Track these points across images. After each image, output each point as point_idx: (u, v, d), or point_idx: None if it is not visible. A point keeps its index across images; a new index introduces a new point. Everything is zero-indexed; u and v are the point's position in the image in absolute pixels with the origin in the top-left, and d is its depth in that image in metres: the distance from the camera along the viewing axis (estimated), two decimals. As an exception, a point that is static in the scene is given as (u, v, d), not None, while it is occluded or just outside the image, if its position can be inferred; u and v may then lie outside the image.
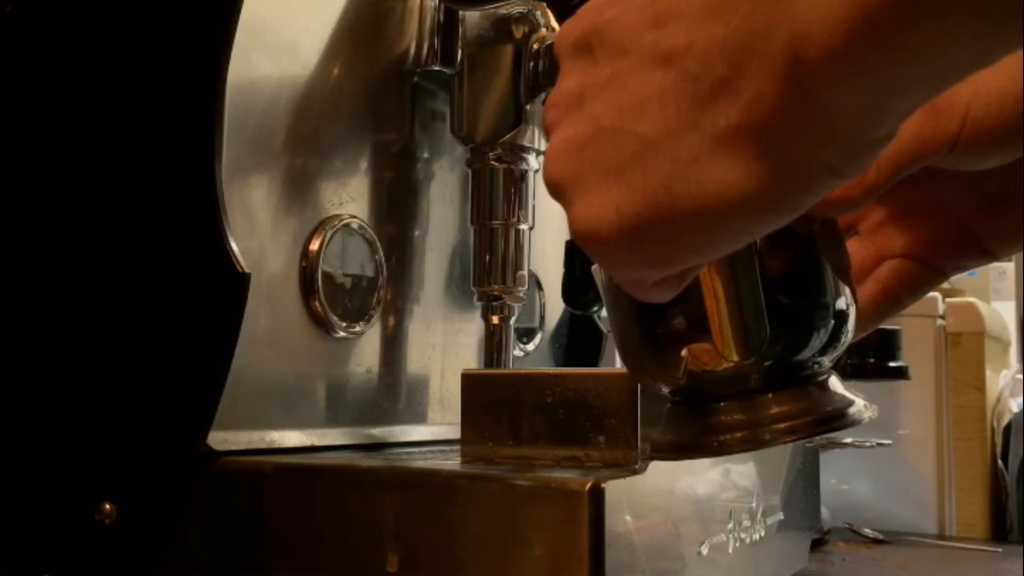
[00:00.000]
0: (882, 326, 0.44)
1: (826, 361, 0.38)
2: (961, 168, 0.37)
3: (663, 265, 0.30)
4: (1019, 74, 0.34)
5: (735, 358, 0.36)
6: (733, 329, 0.36)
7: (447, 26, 0.65)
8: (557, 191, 0.31)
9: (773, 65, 0.25)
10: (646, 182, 0.28)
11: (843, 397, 0.38)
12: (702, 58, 0.26)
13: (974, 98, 0.35)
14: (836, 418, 0.37)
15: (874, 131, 0.26)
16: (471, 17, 0.65)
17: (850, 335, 0.38)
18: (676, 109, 0.27)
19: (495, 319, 0.65)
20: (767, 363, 0.36)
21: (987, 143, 0.35)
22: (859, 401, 0.38)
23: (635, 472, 0.47)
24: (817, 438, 0.85)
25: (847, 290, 0.38)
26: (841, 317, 0.37)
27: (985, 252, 0.41)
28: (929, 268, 0.42)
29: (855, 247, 0.42)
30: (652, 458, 0.45)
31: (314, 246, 0.58)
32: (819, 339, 0.37)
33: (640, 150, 0.28)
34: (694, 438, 0.38)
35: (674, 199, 0.27)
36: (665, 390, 0.39)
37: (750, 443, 0.37)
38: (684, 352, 0.36)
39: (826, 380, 0.38)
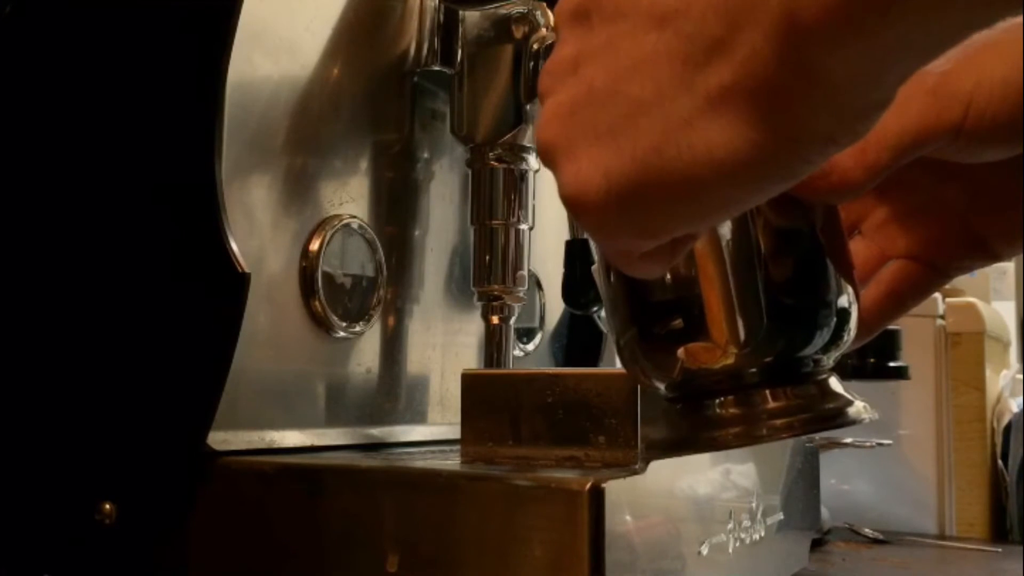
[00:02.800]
0: (881, 326, 0.44)
1: (827, 360, 0.38)
2: (963, 159, 0.37)
3: (652, 233, 0.29)
4: (1020, 64, 0.34)
5: (731, 347, 0.36)
6: (728, 315, 0.35)
7: (447, 26, 0.65)
8: (547, 156, 0.30)
9: (768, 24, 0.24)
10: (636, 145, 0.27)
11: (842, 396, 0.38)
12: (697, 18, 0.26)
13: (977, 86, 0.35)
14: (835, 417, 0.37)
15: (869, 94, 0.25)
16: (471, 17, 0.65)
17: (852, 334, 0.38)
18: (669, 70, 0.26)
19: (495, 319, 0.65)
20: (767, 359, 0.36)
21: (990, 133, 0.35)
22: (859, 402, 0.38)
23: (635, 472, 0.47)
24: (817, 438, 0.85)
25: (849, 289, 0.37)
26: (843, 315, 0.37)
27: (989, 252, 0.41)
28: (932, 269, 0.42)
29: (858, 247, 0.42)
30: (647, 455, 0.45)
31: (314, 246, 0.58)
32: (821, 337, 0.36)
33: (631, 112, 0.27)
34: (690, 433, 0.38)
35: (664, 162, 0.27)
36: (661, 387, 0.39)
37: (746, 438, 0.37)
38: (681, 351, 0.36)
39: (826, 380, 0.38)
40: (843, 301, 0.37)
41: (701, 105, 0.26)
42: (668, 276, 0.36)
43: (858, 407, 0.38)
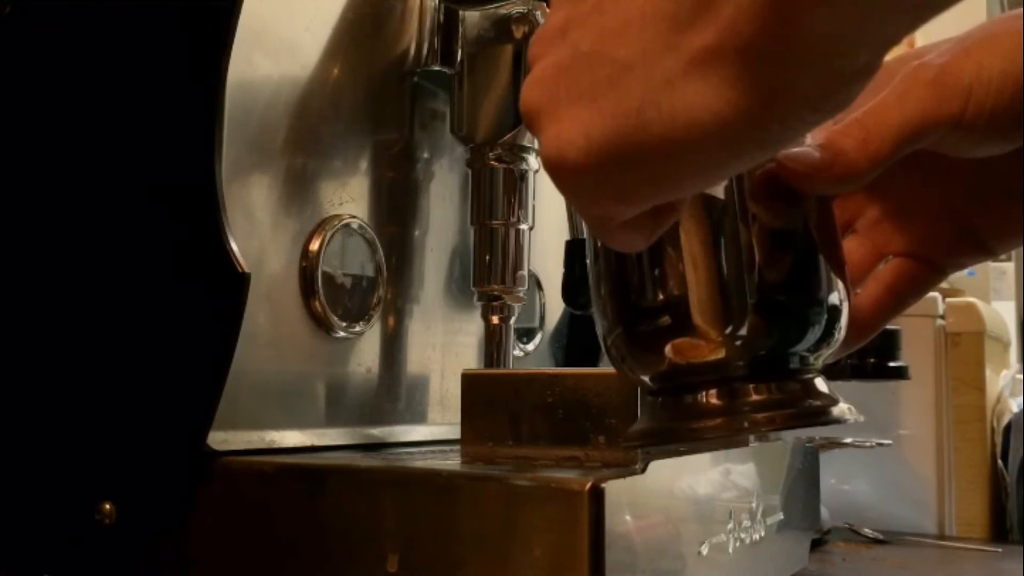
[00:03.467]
0: (881, 326, 0.44)
1: (815, 359, 0.37)
2: (961, 153, 0.37)
3: (631, 198, 0.29)
4: (1019, 56, 0.34)
5: (719, 342, 0.35)
6: (717, 310, 0.35)
7: (447, 26, 0.65)
8: (531, 119, 0.30)
9: None
10: (617, 106, 0.27)
11: (827, 395, 0.38)
12: None
13: (977, 79, 0.35)
14: (818, 414, 0.37)
15: (852, 59, 0.25)
16: (471, 17, 0.65)
17: (842, 332, 0.38)
18: (654, 31, 0.26)
19: (495, 319, 0.65)
20: (755, 354, 0.36)
21: (988, 125, 0.35)
22: (843, 403, 0.38)
23: (635, 472, 0.47)
24: (817, 437, 0.85)
25: (840, 286, 0.37)
26: (834, 313, 0.37)
27: (985, 248, 0.41)
28: (929, 266, 0.42)
29: (853, 246, 0.42)
30: (626, 446, 0.45)
31: (314, 246, 0.58)
32: (812, 334, 0.36)
33: (615, 74, 0.27)
34: (669, 424, 0.38)
35: (645, 123, 0.27)
36: (646, 379, 0.38)
37: (727, 430, 0.37)
38: (668, 347, 0.36)
39: (812, 379, 0.38)
40: (834, 298, 0.37)
41: (684, 66, 0.26)
42: (655, 270, 0.36)
43: (842, 407, 0.37)
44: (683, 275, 0.35)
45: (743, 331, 0.35)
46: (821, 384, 0.38)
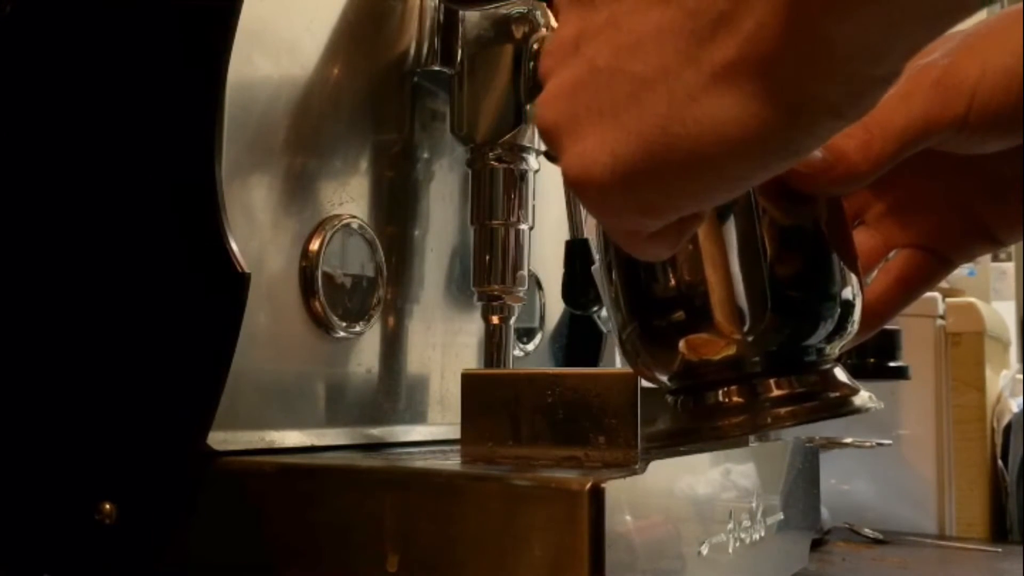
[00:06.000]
0: (881, 326, 0.44)
1: (831, 350, 0.38)
2: (967, 151, 0.37)
3: (658, 212, 0.29)
4: (1021, 52, 0.34)
5: (734, 338, 0.36)
6: (732, 306, 0.35)
7: (447, 26, 0.65)
8: (550, 137, 0.30)
9: None
10: (641, 122, 0.27)
11: (847, 385, 0.38)
12: None
13: (981, 78, 0.35)
14: (840, 405, 0.37)
15: (876, 67, 0.25)
16: (471, 17, 0.65)
17: (856, 324, 0.38)
18: (673, 46, 0.26)
19: (495, 319, 0.65)
20: (771, 349, 0.36)
21: (994, 124, 0.35)
22: (864, 392, 0.38)
23: (635, 472, 0.47)
24: (817, 437, 0.85)
25: (853, 279, 0.37)
26: (847, 306, 0.37)
27: (993, 239, 0.41)
28: (937, 257, 0.42)
29: (862, 237, 0.42)
30: (647, 447, 0.45)
31: (314, 246, 0.58)
32: (825, 327, 0.36)
33: (635, 89, 0.27)
34: (691, 424, 0.38)
35: (669, 139, 0.26)
36: (664, 379, 0.38)
37: (749, 427, 0.37)
38: (682, 344, 0.36)
39: (831, 369, 0.38)
40: (847, 292, 0.37)
41: (706, 81, 0.26)
42: (669, 268, 0.36)
43: (863, 396, 0.38)
44: (697, 272, 0.35)
45: (760, 327, 0.35)
46: (840, 374, 0.38)
